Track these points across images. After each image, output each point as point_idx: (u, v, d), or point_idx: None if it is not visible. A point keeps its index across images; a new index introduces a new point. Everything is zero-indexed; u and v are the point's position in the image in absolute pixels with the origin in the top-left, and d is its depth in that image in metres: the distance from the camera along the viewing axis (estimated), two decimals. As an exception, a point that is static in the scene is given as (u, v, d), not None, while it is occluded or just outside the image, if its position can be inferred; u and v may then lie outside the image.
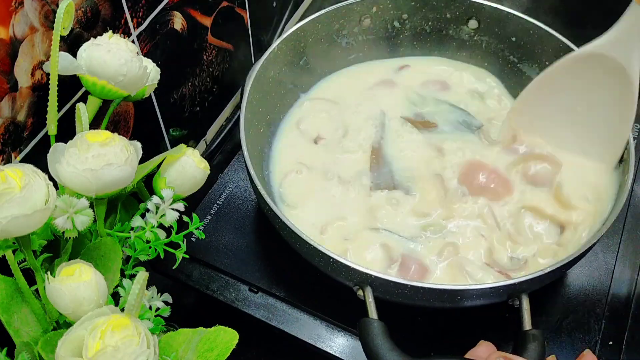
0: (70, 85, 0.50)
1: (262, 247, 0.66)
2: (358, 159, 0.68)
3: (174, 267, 0.50)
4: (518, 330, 0.52)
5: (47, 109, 0.47)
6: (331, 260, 0.52)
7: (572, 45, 0.66)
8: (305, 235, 0.53)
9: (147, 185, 0.53)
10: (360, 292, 0.53)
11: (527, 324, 0.52)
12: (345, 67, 0.77)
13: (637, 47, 0.56)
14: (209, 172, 0.54)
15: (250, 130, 0.63)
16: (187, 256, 0.49)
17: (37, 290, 0.44)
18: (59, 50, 0.45)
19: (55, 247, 0.48)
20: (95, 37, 0.49)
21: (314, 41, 0.72)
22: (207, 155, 0.76)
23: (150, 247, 0.48)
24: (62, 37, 0.45)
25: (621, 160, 0.62)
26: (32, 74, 0.47)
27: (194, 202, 0.67)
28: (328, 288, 0.60)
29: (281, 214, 0.54)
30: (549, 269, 0.51)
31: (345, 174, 0.66)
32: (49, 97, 0.46)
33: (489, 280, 0.58)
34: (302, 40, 0.71)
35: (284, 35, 0.68)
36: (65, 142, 0.43)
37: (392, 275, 0.55)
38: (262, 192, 0.56)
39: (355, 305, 0.53)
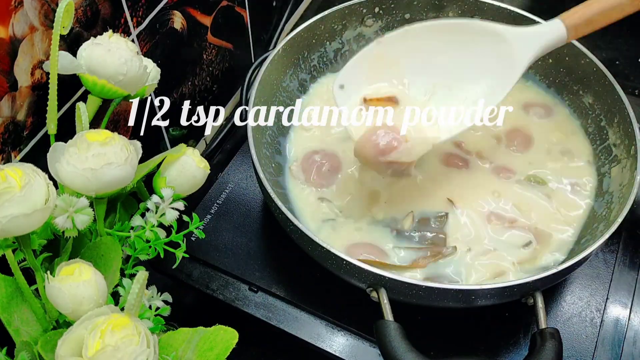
0: (70, 85, 0.50)
1: (262, 246, 0.66)
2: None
3: (173, 267, 0.50)
4: (534, 329, 0.51)
5: (47, 108, 0.47)
6: (344, 262, 0.52)
7: (581, 48, 0.66)
8: (318, 239, 0.53)
9: (147, 184, 0.53)
10: (374, 294, 0.52)
11: (543, 322, 0.51)
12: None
13: (534, 49, 0.60)
14: (209, 171, 0.54)
15: (257, 134, 0.62)
16: (187, 255, 0.49)
17: (37, 289, 0.44)
18: (59, 50, 0.45)
19: (55, 247, 0.48)
20: (95, 36, 0.49)
21: (317, 42, 0.72)
22: (207, 155, 0.76)
23: (150, 247, 0.48)
24: (61, 36, 0.45)
25: (627, 157, 0.62)
26: (32, 73, 0.47)
27: (193, 201, 0.67)
28: (328, 287, 0.60)
29: (293, 218, 0.54)
30: (563, 267, 0.51)
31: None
32: (48, 97, 0.46)
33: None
34: (306, 41, 0.70)
35: (288, 38, 0.68)
36: (65, 142, 0.43)
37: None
38: (274, 196, 0.55)
39: (355, 304, 0.53)
